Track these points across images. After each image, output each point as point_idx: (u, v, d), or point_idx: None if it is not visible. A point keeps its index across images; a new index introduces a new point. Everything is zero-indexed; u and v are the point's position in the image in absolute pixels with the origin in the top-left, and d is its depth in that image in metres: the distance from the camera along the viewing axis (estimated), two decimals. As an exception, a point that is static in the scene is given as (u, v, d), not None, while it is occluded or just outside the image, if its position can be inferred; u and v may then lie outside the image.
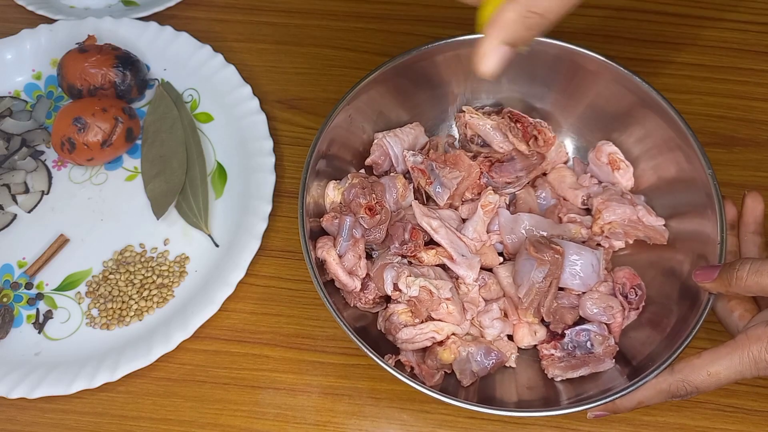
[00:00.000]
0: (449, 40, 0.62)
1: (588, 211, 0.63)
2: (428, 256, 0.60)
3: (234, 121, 0.72)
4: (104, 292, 0.66)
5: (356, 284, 0.59)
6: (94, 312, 0.66)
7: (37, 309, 0.66)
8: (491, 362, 0.57)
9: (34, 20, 0.77)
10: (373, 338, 0.59)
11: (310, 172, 0.58)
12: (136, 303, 0.66)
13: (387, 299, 0.60)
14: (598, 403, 0.52)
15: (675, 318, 0.56)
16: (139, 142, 0.72)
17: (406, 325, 0.58)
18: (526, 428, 0.60)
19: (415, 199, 0.63)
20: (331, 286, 0.60)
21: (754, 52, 0.76)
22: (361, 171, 0.66)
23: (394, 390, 0.62)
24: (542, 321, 0.60)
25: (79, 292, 0.67)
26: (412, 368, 0.58)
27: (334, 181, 0.63)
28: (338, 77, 0.76)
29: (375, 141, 0.65)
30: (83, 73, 0.70)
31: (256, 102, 0.72)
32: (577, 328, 0.59)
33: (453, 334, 0.58)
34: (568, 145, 0.67)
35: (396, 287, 0.58)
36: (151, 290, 0.66)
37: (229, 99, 0.73)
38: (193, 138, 0.72)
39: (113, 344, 0.64)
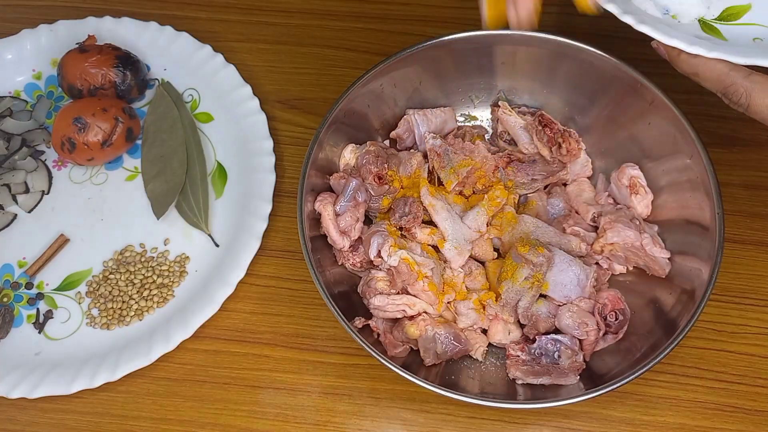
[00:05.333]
0: (509, 32, 0.62)
1: (596, 229, 0.63)
2: (422, 234, 0.61)
3: (234, 121, 0.72)
4: (104, 292, 0.66)
5: (345, 243, 0.61)
6: (95, 312, 0.66)
7: (38, 309, 0.66)
8: (456, 348, 0.58)
9: (35, 20, 0.77)
10: (352, 303, 0.61)
11: (308, 173, 0.59)
12: (136, 303, 0.66)
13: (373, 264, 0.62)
14: (561, 402, 0.54)
15: (647, 345, 0.56)
16: (139, 142, 0.72)
17: (381, 293, 0.59)
18: (526, 428, 0.60)
19: (429, 180, 0.64)
20: (322, 240, 0.61)
21: (754, 52, 0.76)
22: (385, 142, 0.68)
23: (394, 390, 0.62)
24: (519, 323, 0.60)
25: (79, 292, 0.67)
26: (378, 335, 0.59)
27: (353, 144, 0.65)
28: (338, 77, 0.76)
29: (404, 116, 0.66)
30: (83, 73, 0.70)
31: (256, 102, 0.72)
32: (549, 336, 0.59)
33: (425, 312, 0.59)
34: (598, 161, 0.67)
35: (379, 254, 0.59)
36: (151, 290, 0.66)
37: (229, 99, 0.73)
38: (193, 138, 0.72)
39: (113, 344, 0.64)
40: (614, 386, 0.53)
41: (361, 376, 0.63)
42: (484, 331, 0.61)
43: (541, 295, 0.60)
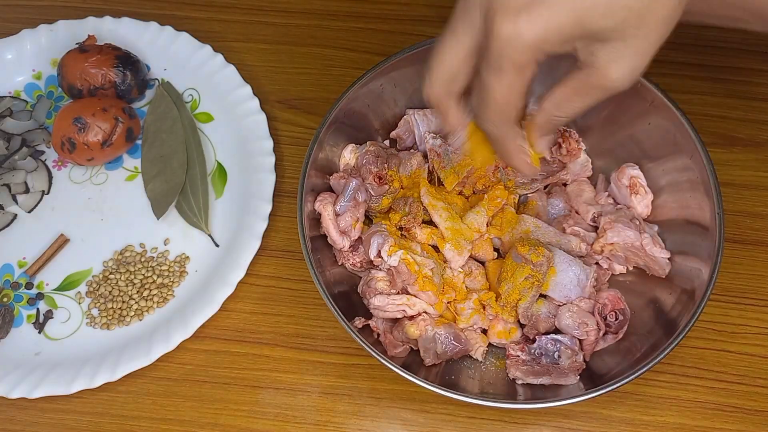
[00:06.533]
0: None
1: (596, 229, 0.63)
2: (422, 234, 0.61)
3: (234, 121, 0.72)
4: (104, 292, 0.66)
5: (345, 243, 0.61)
6: (95, 312, 0.66)
7: (38, 309, 0.66)
8: (456, 348, 0.58)
9: (35, 20, 0.77)
10: (352, 303, 0.61)
11: (308, 174, 0.59)
12: (136, 303, 0.66)
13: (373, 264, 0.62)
14: (561, 402, 0.54)
15: (647, 345, 0.56)
16: (139, 142, 0.72)
17: (381, 293, 0.59)
18: (526, 428, 0.60)
19: (429, 180, 0.64)
20: (322, 240, 0.62)
21: (754, 52, 0.76)
22: (385, 142, 0.68)
23: (394, 390, 0.62)
24: (519, 323, 0.60)
25: (79, 292, 0.67)
26: (378, 335, 0.59)
27: (353, 144, 0.65)
28: (338, 77, 0.76)
29: (404, 116, 0.67)
30: (83, 73, 0.70)
31: (256, 102, 0.72)
32: (549, 336, 0.59)
33: (425, 312, 0.59)
34: (598, 161, 0.67)
35: (379, 254, 0.59)
36: (151, 290, 0.66)
37: (229, 99, 0.73)
38: (194, 138, 0.72)
39: (113, 344, 0.64)
40: (614, 386, 0.53)
41: (361, 376, 0.63)
42: (484, 331, 0.61)
43: (541, 295, 0.60)
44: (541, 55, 0.40)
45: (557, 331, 0.60)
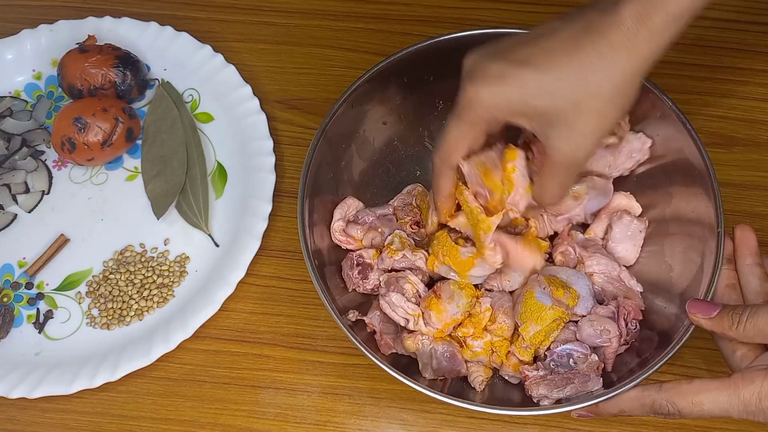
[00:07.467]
0: (509, 33, 0.61)
1: (584, 226, 0.62)
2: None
3: (234, 121, 0.72)
4: (104, 292, 0.66)
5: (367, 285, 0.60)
6: (95, 312, 0.66)
7: (38, 309, 0.66)
8: (450, 368, 0.56)
9: (35, 20, 0.77)
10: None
11: (309, 174, 0.59)
12: (136, 303, 0.66)
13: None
14: (580, 405, 0.52)
15: (650, 347, 0.56)
16: (139, 142, 0.72)
17: (402, 294, 0.58)
18: (526, 428, 0.60)
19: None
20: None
21: (754, 52, 0.76)
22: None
23: (394, 390, 0.62)
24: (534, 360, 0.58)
25: (79, 292, 0.67)
26: (373, 332, 0.58)
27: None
28: (338, 77, 0.76)
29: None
30: (83, 73, 0.70)
31: (256, 102, 0.72)
32: (558, 349, 0.57)
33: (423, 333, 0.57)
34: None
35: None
36: (151, 290, 0.66)
37: (229, 99, 0.73)
38: (194, 138, 0.72)
39: (113, 344, 0.64)
40: (616, 392, 0.52)
41: (361, 376, 0.63)
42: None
43: None
44: (492, 118, 0.50)
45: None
